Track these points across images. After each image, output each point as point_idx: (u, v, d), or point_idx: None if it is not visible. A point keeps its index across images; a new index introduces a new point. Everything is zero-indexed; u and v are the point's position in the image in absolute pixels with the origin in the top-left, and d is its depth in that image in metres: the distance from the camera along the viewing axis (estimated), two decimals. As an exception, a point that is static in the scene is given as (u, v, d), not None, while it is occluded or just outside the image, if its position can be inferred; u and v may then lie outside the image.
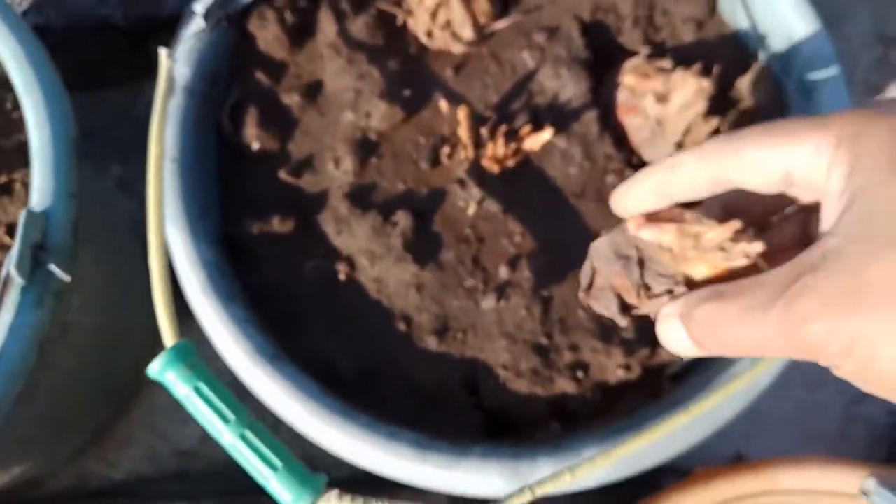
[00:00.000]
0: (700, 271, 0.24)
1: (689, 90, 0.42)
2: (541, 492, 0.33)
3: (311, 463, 0.32)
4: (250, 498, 0.60)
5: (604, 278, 0.25)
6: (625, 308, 0.25)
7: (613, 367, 0.41)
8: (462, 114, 0.41)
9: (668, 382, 0.42)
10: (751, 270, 0.23)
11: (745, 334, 0.22)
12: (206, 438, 0.66)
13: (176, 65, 0.41)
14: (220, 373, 0.34)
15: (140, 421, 0.66)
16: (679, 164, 0.24)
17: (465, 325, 0.41)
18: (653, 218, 0.25)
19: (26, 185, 0.48)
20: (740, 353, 0.24)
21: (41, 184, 0.40)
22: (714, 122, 0.43)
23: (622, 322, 0.25)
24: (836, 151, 0.21)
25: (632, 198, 0.25)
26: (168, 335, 0.30)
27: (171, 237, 0.39)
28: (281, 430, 0.36)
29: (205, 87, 0.42)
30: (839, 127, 0.21)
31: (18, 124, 0.50)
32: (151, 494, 0.66)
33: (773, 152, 0.23)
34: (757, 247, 0.23)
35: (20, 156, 0.49)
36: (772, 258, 0.23)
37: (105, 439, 0.65)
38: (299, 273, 0.42)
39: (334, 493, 0.30)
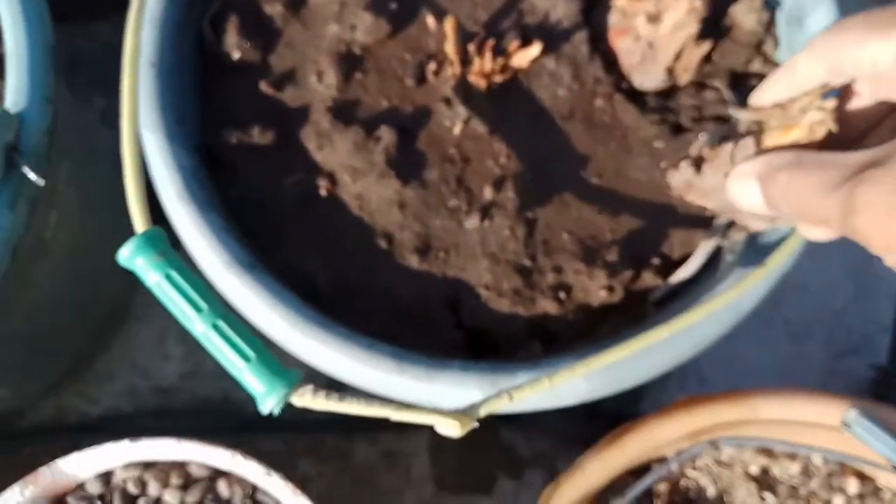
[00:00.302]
0: (773, 138, 0.28)
1: (681, 9, 0.41)
2: (518, 396, 0.32)
3: (286, 362, 0.31)
4: (230, 435, 0.59)
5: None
6: (697, 162, 0.31)
7: (596, 289, 0.40)
8: (449, 26, 0.40)
9: (651, 307, 0.41)
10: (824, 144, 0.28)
11: (812, 206, 0.24)
12: (187, 375, 0.66)
13: (156, -33, 0.40)
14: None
15: (120, 356, 0.65)
16: (795, 64, 0.28)
17: (448, 244, 0.41)
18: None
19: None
20: (806, 221, 0.28)
21: (15, 85, 0.39)
22: (706, 46, 0.42)
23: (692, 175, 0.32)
24: None
25: (768, 94, 0.29)
26: (139, 221, 0.29)
27: (147, 143, 0.38)
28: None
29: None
30: None
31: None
32: (131, 430, 0.66)
33: (863, 46, 0.25)
34: (830, 103, 0.27)
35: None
36: None
37: (85, 373, 0.64)
38: (279, 187, 0.41)
39: (309, 387, 0.30)
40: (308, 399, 0.30)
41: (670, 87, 0.44)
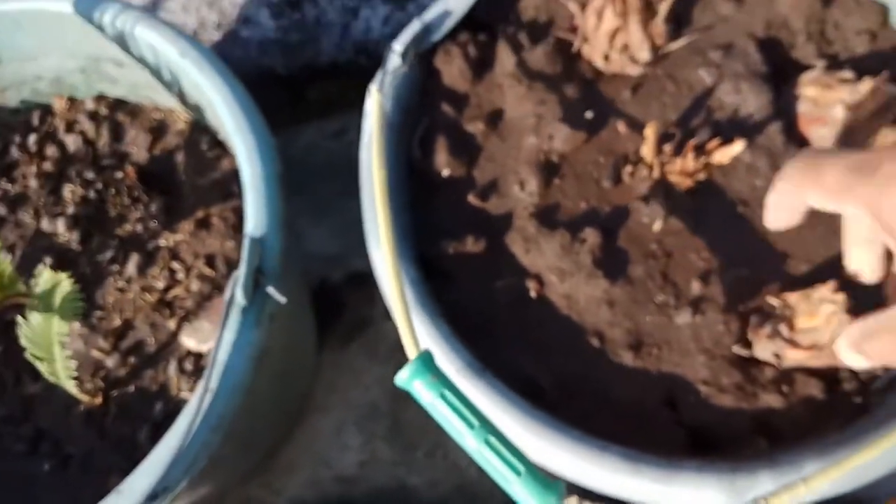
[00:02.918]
0: (802, 322, 0.39)
1: (880, 98, 0.41)
2: (775, 503, 0.32)
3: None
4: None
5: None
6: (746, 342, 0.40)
7: (819, 382, 0.40)
8: (650, 131, 0.42)
9: (875, 396, 0.40)
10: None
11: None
12: (367, 464, 0.68)
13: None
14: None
15: (303, 447, 0.68)
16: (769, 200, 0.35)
17: (660, 340, 0.41)
18: None
19: (224, 220, 0.52)
20: None
21: (255, 213, 0.44)
22: (906, 128, 0.42)
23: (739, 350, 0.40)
24: None
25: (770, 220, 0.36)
26: (410, 346, 0.32)
27: (376, 258, 0.42)
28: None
29: (400, 119, 0.45)
30: None
31: (214, 163, 0.55)
32: (314, 520, 0.68)
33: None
34: (840, 296, 0.38)
35: (216, 192, 0.54)
36: None
37: (270, 464, 0.67)
38: (491, 291, 0.43)
39: (574, 498, 0.31)
40: (574, 509, 0.30)
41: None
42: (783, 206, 0.34)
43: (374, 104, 0.39)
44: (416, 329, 0.40)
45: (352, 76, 0.72)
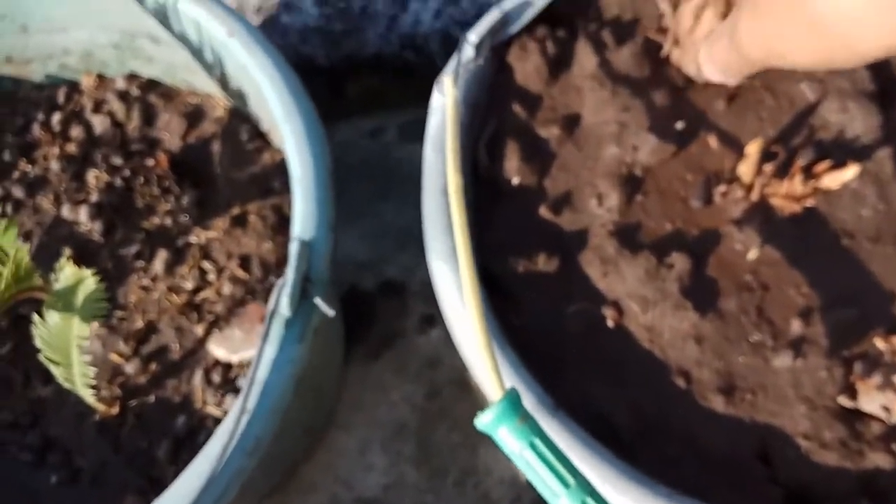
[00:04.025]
0: None
1: None
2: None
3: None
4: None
5: None
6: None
7: (934, 441, 0.35)
8: (752, 148, 0.37)
9: None
10: None
11: (728, 61, 0.37)
12: (391, 488, 0.63)
13: (443, 94, 0.39)
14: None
15: (323, 466, 0.63)
16: None
17: (754, 384, 0.37)
18: None
19: (262, 218, 0.48)
20: (738, 74, 0.39)
21: (303, 213, 0.39)
22: None
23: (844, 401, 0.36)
24: None
25: None
26: (495, 385, 0.27)
27: (438, 271, 0.37)
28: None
29: (467, 117, 0.40)
30: None
31: (253, 155, 0.50)
32: (331, 543, 0.64)
33: None
34: None
35: (254, 187, 0.49)
36: None
37: (288, 485, 0.63)
38: (562, 316, 0.39)
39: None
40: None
41: None
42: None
43: (450, 98, 0.35)
44: (477, 357, 0.35)
45: (396, 71, 0.68)
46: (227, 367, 0.45)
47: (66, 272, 0.36)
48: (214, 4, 0.43)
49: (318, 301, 0.37)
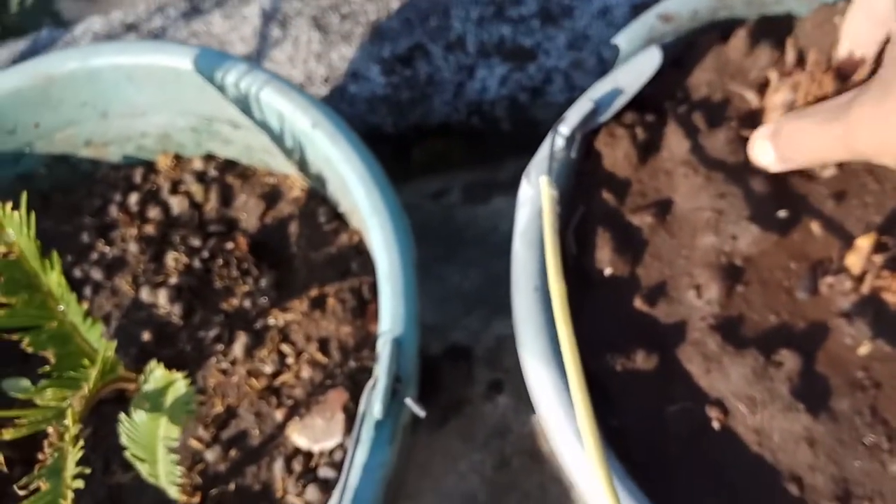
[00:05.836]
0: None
1: None
2: None
3: None
4: None
5: None
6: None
7: None
8: (865, 242, 0.35)
9: None
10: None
11: (818, 143, 0.32)
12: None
13: (532, 186, 0.39)
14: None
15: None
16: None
17: (871, 491, 0.34)
18: None
19: (341, 301, 0.47)
20: (815, 161, 0.36)
21: (392, 310, 0.38)
22: None
23: None
24: None
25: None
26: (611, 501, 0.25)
27: (535, 373, 0.36)
28: None
29: (557, 207, 0.39)
30: None
31: (330, 237, 0.50)
32: None
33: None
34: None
35: (332, 269, 0.49)
36: None
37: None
38: (663, 417, 0.37)
39: None
40: None
41: None
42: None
43: (547, 200, 0.34)
44: (579, 466, 0.34)
45: (461, 136, 0.67)
46: (308, 455, 0.44)
47: (156, 374, 0.36)
48: (298, 94, 0.43)
49: (408, 401, 0.36)
